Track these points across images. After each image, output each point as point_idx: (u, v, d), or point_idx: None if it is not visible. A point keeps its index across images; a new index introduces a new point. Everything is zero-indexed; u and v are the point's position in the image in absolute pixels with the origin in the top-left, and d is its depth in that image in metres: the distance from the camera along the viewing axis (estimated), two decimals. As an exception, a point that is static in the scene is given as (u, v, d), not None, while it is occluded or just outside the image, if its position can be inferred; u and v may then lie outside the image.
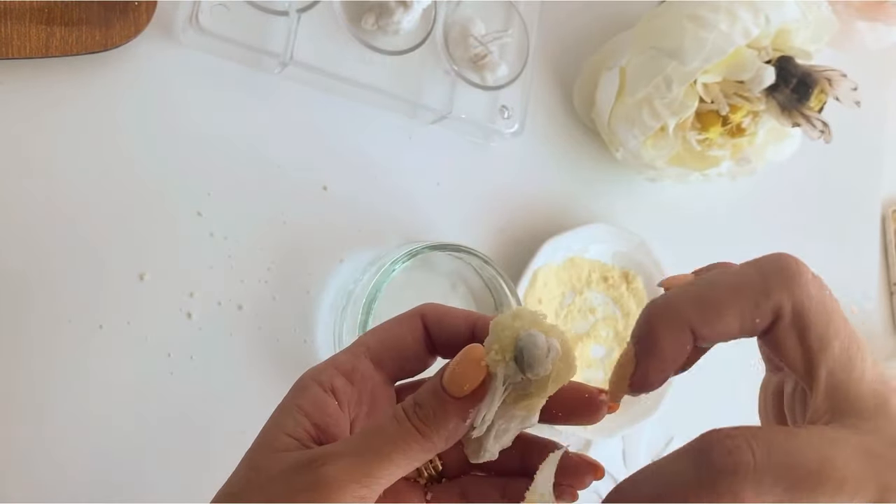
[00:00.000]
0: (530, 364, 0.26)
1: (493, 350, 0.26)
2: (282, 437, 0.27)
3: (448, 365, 0.26)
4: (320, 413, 0.28)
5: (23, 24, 0.42)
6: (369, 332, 0.31)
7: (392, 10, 0.50)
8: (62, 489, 0.43)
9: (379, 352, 0.30)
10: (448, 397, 0.26)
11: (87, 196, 0.45)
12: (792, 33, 0.55)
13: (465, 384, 0.26)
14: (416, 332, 0.30)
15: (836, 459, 0.22)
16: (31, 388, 0.43)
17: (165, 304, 0.47)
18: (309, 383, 0.29)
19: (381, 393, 0.30)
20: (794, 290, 0.25)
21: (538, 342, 0.26)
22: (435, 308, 0.30)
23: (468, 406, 0.26)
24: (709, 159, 0.59)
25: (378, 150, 0.55)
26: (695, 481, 0.22)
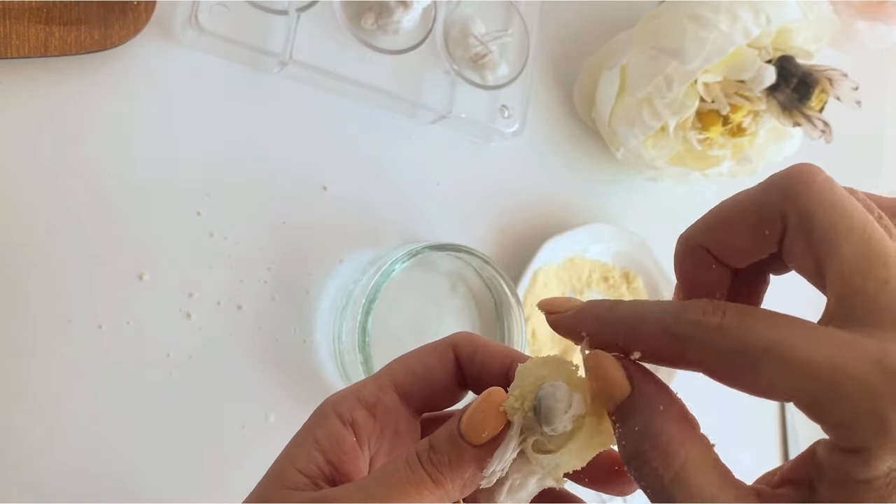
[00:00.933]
0: (547, 417, 0.24)
1: (512, 396, 0.25)
2: (292, 474, 0.26)
3: (468, 408, 0.25)
4: (336, 449, 0.27)
5: (21, 24, 0.42)
6: (398, 361, 0.29)
7: (392, 10, 0.50)
8: (62, 489, 0.43)
9: (406, 384, 0.28)
10: (465, 444, 0.24)
11: (87, 196, 0.45)
12: (793, 33, 0.55)
13: (484, 431, 0.24)
14: (448, 364, 0.29)
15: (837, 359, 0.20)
16: (30, 388, 0.43)
17: (165, 304, 0.47)
18: (328, 413, 0.27)
19: (404, 427, 0.29)
20: (799, 195, 0.23)
21: (558, 395, 0.24)
22: (469, 340, 0.29)
23: (487, 454, 0.24)
24: (709, 159, 0.59)
25: (378, 150, 0.55)
26: (667, 329, 0.22)
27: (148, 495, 0.45)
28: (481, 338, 0.29)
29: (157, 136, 0.47)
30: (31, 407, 0.43)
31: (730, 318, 0.22)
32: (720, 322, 0.22)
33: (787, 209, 0.23)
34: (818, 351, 0.20)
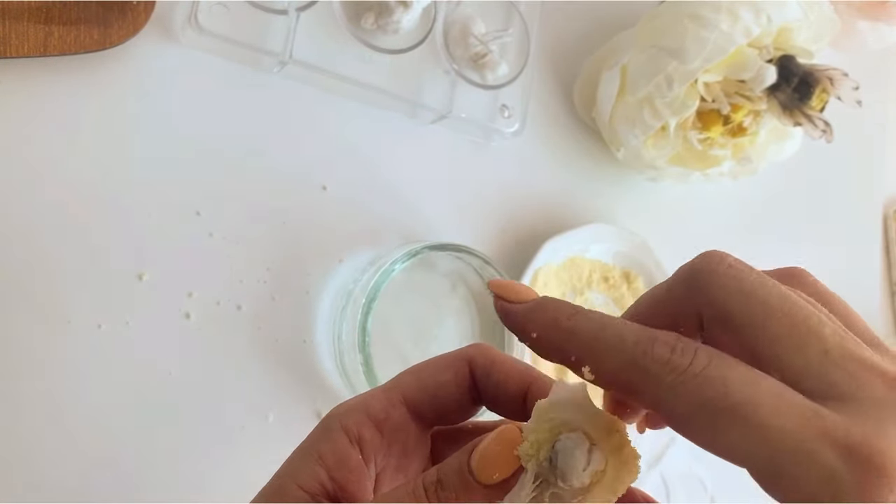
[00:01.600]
0: (563, 473, 0.22)
1: (527, 441, 0.23)
2: (293, 489, 0.25)
3: (479, 444, 0.24)
4: (340, 466, 0.25)
5: (21, 23, 0.42)
6: (410, 374, 0.28)
7: (392, 9, 0.50)
8: (61, 488, 0.43)
9: (417, 400, 0.27)
10: (474, 483, 0.23)
11: (86, 195, 0.45)
12: (793, 32, 0.54)
13: (496, 473, 0.23)
14: (462, 379, 0.27)
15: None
16: (30, 388, 0.43)
17: (164, 304, 0.47)
18: (334, 427, 0.26)
19: (413, 444, 0.28)
20: (709, 288, 0.22)
21: (577, 452, 0.22)
22: (485, 354, 0.28)
23: (497, 496, 0.23)
24: (710, 159, 0.59)
25: (378, 150, 0.55)
26: (629, 359, 0.21)
27: (148, 495, 0.45)
28: (498, 353, 0.28)
29: (156, 136, 0.47)
30: (31, 407, 0.43)
31: (699, 364, 0.20)
32: (688, 366, 0.20)
33: (700, 304, 0.22)
34: (787, 420, 0.19)
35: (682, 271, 0.23)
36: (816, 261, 0.78)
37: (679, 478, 0.65)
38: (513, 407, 0.27)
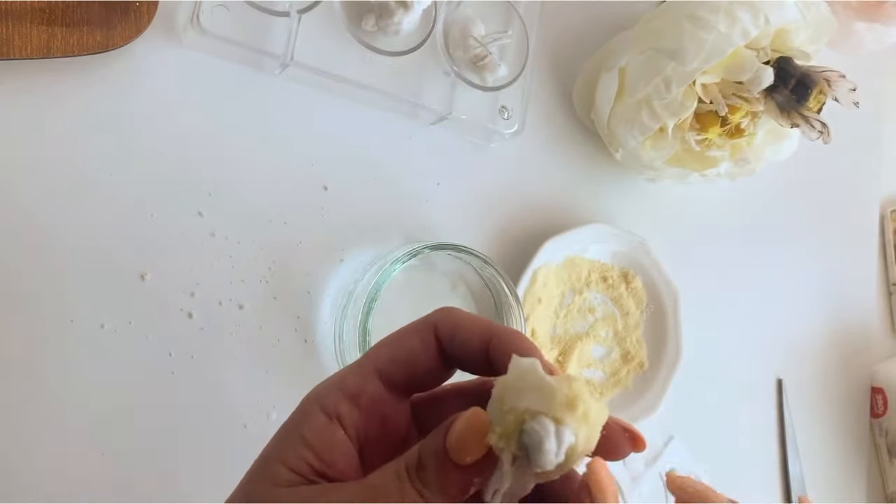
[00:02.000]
0: (537, 461, 0.23)
1: (494, 434, 0.24)
2: (283, 471, 0.26)
3: (452, 426, 0.24)
4: (325, 445, 0.26)
5: (24, 25, 0.42)
6: (379, 345, 0.29)
7: (392, 11, 0.50)
8: (62, 488, 0.43)
9: (389, 370, 0.28)
10: (450, 463, 0.24)
11: (89, 196, 0.45)
12: (791, 34, 0.55)
13: (468, 455, 0.24)
14: (429, 345, 0.28)
15: None
16: (31, 388, 0.43)
17: (166, 304, 0.47)
18: (313, 408, 0.27)
19: (393, 413, 0.28)
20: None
21: (545, 443, 0.22)
22: (448, 317, 0.28)
23: (472, 474, 0.24)
24: (708, 160, 0.59)
25: (378, 151, 0.55)
26: None
27: (149, 495, 0.46)
28: (461, 314, 0.28)
29: (158, 137, 0.48)
30: (33, 407, 0.43)
31: None
32: None
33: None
34: None
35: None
36: (814, 261, 0.78)
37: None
38: (480, 364, 0.28)
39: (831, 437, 0.77)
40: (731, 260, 0.72)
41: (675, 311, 0.64)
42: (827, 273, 0.79)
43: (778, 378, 0.74)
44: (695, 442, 0.67)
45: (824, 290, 0.79)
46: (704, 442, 0.67)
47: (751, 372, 0.72)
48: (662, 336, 0.64)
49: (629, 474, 0.63)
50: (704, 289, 0.69)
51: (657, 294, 0.64)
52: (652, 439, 0.65)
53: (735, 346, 0.71)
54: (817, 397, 0.77)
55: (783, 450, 0.72)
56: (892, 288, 0.85)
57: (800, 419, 0.74)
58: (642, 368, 0.63)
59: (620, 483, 0.63)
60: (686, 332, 0.63)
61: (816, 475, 0.74)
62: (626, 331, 0.63)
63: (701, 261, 0.70)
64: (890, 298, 0.85)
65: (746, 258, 0.73)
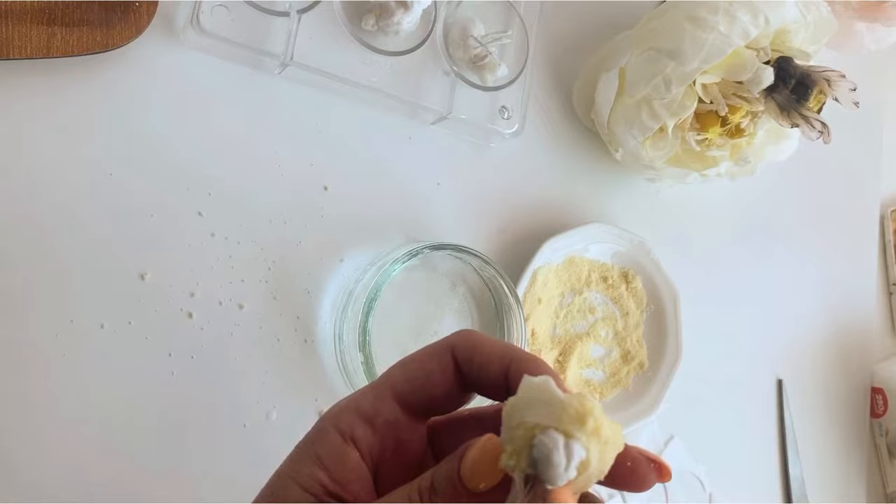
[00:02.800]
0: (548, 477, 0.22)
1: (506, 453, 0.23)
2: (295, 490, 0.26)
3: (466, 452, 0.24)
4: (339, 466, 0.26)
5: (23, 25, 0.42)
6: (396, 367, 0.28)
7: (392, 11, 0.50)
8: (62, 488, 0.43)
9: (405, 392, 0.28)
10: (464, 489, 0.24)
11: (89, 196, 0.45)
12: (791, 34, 0.55)
13: (482, 482, 0.23)
14: (447, 368, 0.27)
15: None
16: (31, 388, 0.43)
17: (166, 304, 0.47)
18: (328, 428, 0.27)
19: (408, 437, 0.28)
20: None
21: (554, 457, 0.22)
22: (467, 340, 0.28)
23: (490, 499, 0.24)
24: (708, 160, 0.59)
25: (378, 151, 0.55)
26: None
27: (149, 494, 0.46)
28: (480, 337, 0.28)
29: (158, 136, 0.48)
30: (33, 407, 0.43)
31: None
32: None
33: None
34: None
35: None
36: (814, 261, 0.78)
37: (677, 476, 0.66)
38: (499, 390, 0.27)
39: (831, 437, 0.77)
40: (732, 260, 0.72)
41: (675, 311, 0.64)
42: (827, 273, 0.79)
43: (778, 378, 0.74)
44: (695, 442, 0.67)
45: (824, 290, 0.79)
46: (704, 442, 0.67)
47: (751, 372, 0.72)
48: (662, 336, 0.64)
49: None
50: (704, 289, 0.69)
51: (657, 294, 0.64)
52: (652, 440, 0.65)
53: (735, 346, 0.71)
54: (817, 397, 0.77)
55: (783, 450, 0.72)
56: (892, 288, 0.85)
57: (800, 419, 0.74)
58: (642, 368, 0.63)
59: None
60: (686, 332, 0.63)
61: (816, 475, 0.74)
62: (626, 331, 0.63)
63: (701, 261, 0.70)
64: (890, 298, 0.85)
65: (746, 258, 0.73)
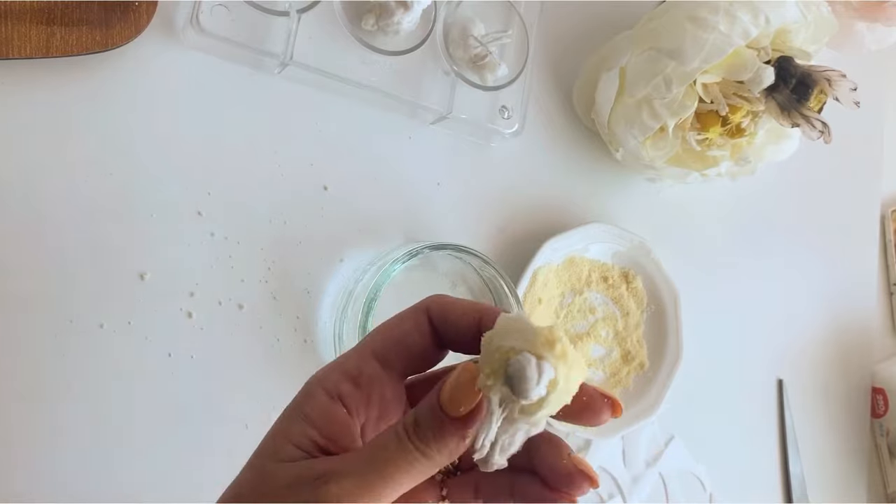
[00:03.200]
0: (521, 392, 0.25)
1: (483, 374, 0.26)
2: (288, 447, 0.27)
3: (445, 382, 0.26)
4: (327, 422, 0.28)
5: (23, 25, 0.42)
6: (375, 331, 0.30)
7: (392, 11, 0.50)
8: (62, 488, 0.43)
9: (385, 351, 0.30)
10: (446, 417, 0.26)
11: (88, 196, 0.45)
12: (791, 34, 0.55)
13: (461, 406, 0.25)
14: (422, 328, 0.30)
15: None
16: (31, 388, 0.43)
17: (166, 304, 0.47)
18: (315, 389, 0.28)
19: (390, 393, 0.30)
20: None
21: (527, 371, 0.24)
22: (439, 301, 0.30)
23: (467, 426, 0.26)
24: (708, 159, 0.59)
25: (378, 151, 0.55)
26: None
27: (150, 495, 0.46)
28: (452, 298, 0.30)
29: (158, 137, 0.48)
30: (33, 407, 0.43)
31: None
32: None
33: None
34: None
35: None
36: (815, 261, 0.78)
37: (677, 476, 0.66)
38: (471, 343, 0.29)
39: (832, 437, 0.77)
40: (732, 260, 0.72)
41: (675, 311, 0.63)
42: (827, 273, 0.79)
43: (778, 378, 0.74)
44: (695, 442, 0.67)
45: (825, 289, 0.79)
46: (705, 442, 0.67)
47: (751, 372, 0.72)
48: (663, 336, 0.64)
49: (630, 474, 0.63)
50: (705, 289, 0.69)
51: (657, 294, 0.64)
52: (652, 440, 0.65)
53: (736, 346, 0.71)
54: (818, 397, 0.76)
55: (784, 450, 0.72)
56: (892, 288, 0.84)
57: (800, 419, 0.74)
58: (643, 368, 0.63)
59: (621, 483, 0.63)
60: (686, 333, 0.63)
61: (817, 475, 0.74)
62: (626, 331, 0.63)
63: (701, 261, 0.70)
64: (891, 298, 0.85)
65: (747, 258, 0.73)
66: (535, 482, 0.29)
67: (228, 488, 0.27)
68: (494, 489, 0.30)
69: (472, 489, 0.30)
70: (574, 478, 0.29)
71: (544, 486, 0.29)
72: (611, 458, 0.63)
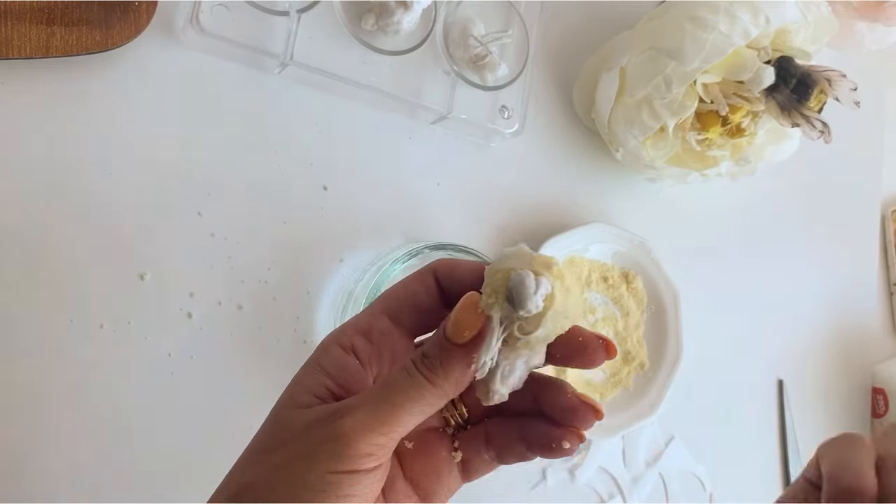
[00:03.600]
0: (520, 302, 0.26)
1: (485, 294, 0.27)
2: (304, 395, 0.29)
3: (450, 314, 0.27)
4: (342, 372, 0.29)
5: (23, 25, 0.42)
6: (386, 292, 0.32)
7: (392, 11, 0.50)
8: (62, 488, 0.43)
9: (396, 309, 0.31)
10: (451, 345, 0.27)
11: (88, 196, 0.45)
12: (792, 34, 0.55)
13: (465, 331, 0.27)
14: (430, 287, 0.31)
15: None
16: (31, 388, 0.43)
17: (166, 304, 0.47)
18: (330, 345, 0.30)
19: (401, 348, 0.31)
20: None
21: (526, 281, 0.26)
22: (445, 263, 0.31)
23: (472, 351, 0.27)
24: (708, 159, 0.59)
25: (378, 151, 0.55)
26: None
27: (150, 495, 0.46)
28: (457, 259, 0.32)
29: (157, 137, 0.48)
30: (32, 407, 0.43)
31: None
32: None
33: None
34: None
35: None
36: (815, 261, 0.78)
37: (678, 476, 0.66)
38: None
39: (832, 438, 0.77)
40: (732, 260, 0.72)
41: (675, 311, 0.63)
42: (828, 273, 0.79)
43: (779, 378, 0.74)
44: (695, 442, 0.67)
45: (825, 290, 0.79)
46: (705, 442, 0.67)
47: (752, 372, 0.72)
48: (663, 336, 0.64)
49: (630, 474, 0.63)
50: (705, 289, 0.69)
51: (658, 294, 0.64)
52: (652, 440, 0.65)
53: (736, 347, 0.71)
54: (818, 397, 0.76)
55: (784, 450, 0.72)
56: (892, 288, 0.84)
57: (801, 419, 0.74)
58: (643, 368, 0.63)
59: (621, 483, 0.63)
60: (687, 333, 0.63)
61: (817, 475, 0.74)
62: (626, 331, 0.63)
63: (701, 261, 0.70)
64: (891, 298, 0.85)
65: (747, 258, 0.73)
66: (543, 423, 0.30)
67: (251, 441, 0.29)
68: (504, 438, 0.31)
69: (483, 440, 0.31)
70: (579, 411, 0.30)
71: (551, 424, 0.30)
72: (611, 458, 0.62)
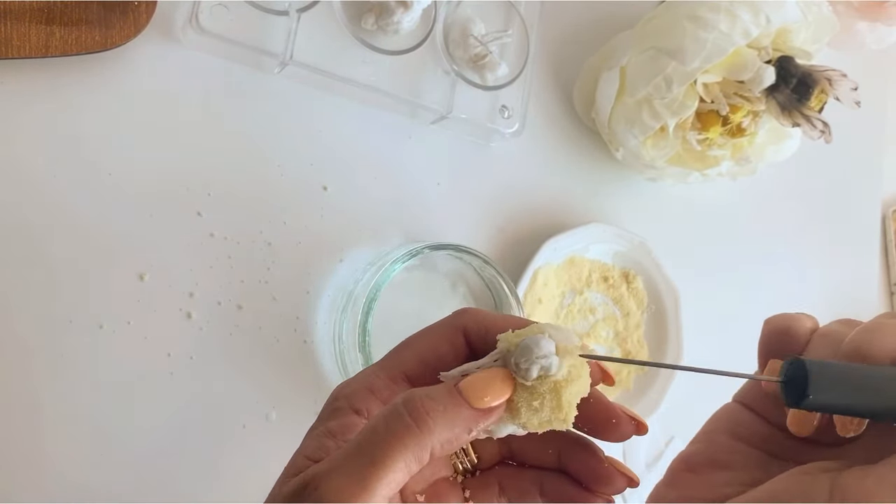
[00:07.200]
0: (524, 350, 0.25)
1: (500, 340, 0.26)
2: (300, 461, 0.26)
3: (473, 374, 0.25)
4: (347, 432, 0.26)
5: (22, 24, 0.42)
6: (408, 348, 0.29)
7: (392, 10, 0.50)
8: (63, 489, 0.43)
9: (418, 374, 0.28)
10: (463, 401, 0.24)
11: (87, 196, 0.45)
12: (792, 33, 0.55)
13: (488, 395, 0.24)
14: (460, 349, 0.28)
15: None
16: (31, 388, 0.43)
17: (165, 304, 0.47)
18: (342, 406, 0.27)
19: None
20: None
21: (542, 343, 0.25)
22: (476, 318, 0.29)
23: (480, 418, 0.25)
24: (709, 159, 0.59)
25: (378, 151, 0.55)
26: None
27: (149, 495, 0.45)
28: (488, 314, 0.29)
29: (157, 136, 0.48)
30: (32, 407, 0.43)
31: None
32: None
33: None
34: None
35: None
36: (815, 261, 0.78)
37: (678, 477, 0.65)
38: None
39: (832, 438, 0.77)
40: (732, 260, 0.72)
41: (675, 312, 0.63)
42: (828, 273, 0.79)
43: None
44: (696, 442, 0.67)
45: (825, 290, 0.79)
46: (705, 442, 0.67)
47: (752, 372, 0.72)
48: (663, 336, 0.64)
49: (630, 475, 0.63)
50: (705, 289, 0.69)
51: (658, 294, 0.64)
52: (652, 440, 0.65)
53: (736, 347, 0.71)
54: (818, 398, 0.76)
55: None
56: (893, 288, 0.84)
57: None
58: (643, 369, 0.63)
59: (621, 484, 0.63)
60: (687, 333, 0.63)
61: (818, 476, 0.74)
62: (627, 331, 0.63)
63: (702, 261, 0.70)
64: (891, 299, 0.85)
65: (747, 258, 0.73)
66: (567, 482, 0.29)
67: None
68: (520, 489, 0.29)
69: (495, 489, 0.29)
70: (615, 480, 0.29)
71: (576, 486, 0.29)
72: (611, 458, 0.62)
